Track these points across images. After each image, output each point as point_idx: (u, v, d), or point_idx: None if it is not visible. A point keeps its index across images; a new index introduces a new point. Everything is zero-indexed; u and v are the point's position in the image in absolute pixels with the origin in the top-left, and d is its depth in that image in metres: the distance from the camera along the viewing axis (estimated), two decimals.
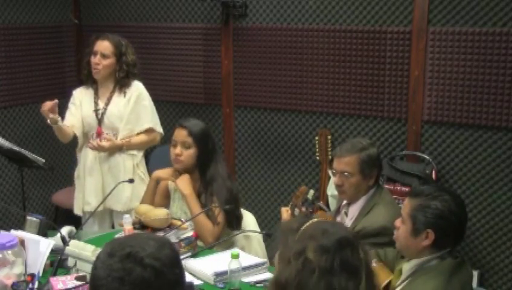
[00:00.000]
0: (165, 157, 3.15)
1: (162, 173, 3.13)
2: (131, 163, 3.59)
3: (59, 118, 3.44)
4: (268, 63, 4.21)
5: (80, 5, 4.91)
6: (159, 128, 3.67)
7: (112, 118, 3.55)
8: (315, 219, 1.65)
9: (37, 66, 4.62)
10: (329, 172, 3.78)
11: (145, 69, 4.53)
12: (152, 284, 1.36)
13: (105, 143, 3.51)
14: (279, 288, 1.54)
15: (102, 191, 3.54)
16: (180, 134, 3.02)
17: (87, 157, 3.59)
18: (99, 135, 3.55)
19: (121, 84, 3.56)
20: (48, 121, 3.41)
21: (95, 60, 3.51)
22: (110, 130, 3.57)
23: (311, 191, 2.71)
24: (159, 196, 3.18)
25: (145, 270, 1.36)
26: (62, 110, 3.63)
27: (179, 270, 1.45)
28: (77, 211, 3.69)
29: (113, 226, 3.67)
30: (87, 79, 3.62)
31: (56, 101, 3.37)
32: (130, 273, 1.35)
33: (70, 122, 3.59)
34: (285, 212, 2.87)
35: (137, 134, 3.60)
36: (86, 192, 3.60)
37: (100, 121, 3.55)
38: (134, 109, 3.57)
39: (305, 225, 1.63)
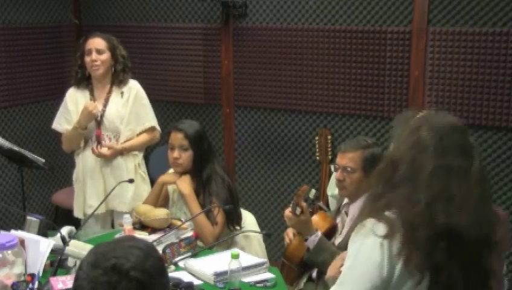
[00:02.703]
0: (165, 157, 3.15)
1: (168, 177, 3.14)
2: (132, 163, 3.58)
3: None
4: (268, 63, 4.21)
5: (80, 5, 4.91)
6: (158, 126, 3.67)
7: (112, 119, 3.51)
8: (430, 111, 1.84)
9: (37, 66, 4.62)
10: (332, 167, 3.78)
11: (145, 69, 4.54)
12: None
13: (106, 151, 3.48)
14: (392, 163, 1.64)
15: (104, 193, 3.49)
16: (177, 137, 3.03)
17: (87, 160, 3.56)
18: (98, 137, 3.52)
19: (119, 79, 3.53)
20: (83, 125, 3.45)
21: (91, 57, 3.46)
22: (111, 131, 3.53)
23: (313, 191, 2.71)
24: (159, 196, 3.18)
25: (131, 283, 1.33)
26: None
27: (165, 279, 1.43)
28: (77, 214, 3.65)
29: (112, 226, 3.66)
30: (80, 82, 3.57)
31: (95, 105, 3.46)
32: (115, 286, 1.32)
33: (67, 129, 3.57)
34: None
35: (138, 134, 3.60)
36: (88, 195, 3.56)
37: (100, 124, 3.52)
38: (133, 109, 3.55)
39: (421, 113, 1.76)
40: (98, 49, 3.47)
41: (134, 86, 3.59)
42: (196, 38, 4.45)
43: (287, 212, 2.70)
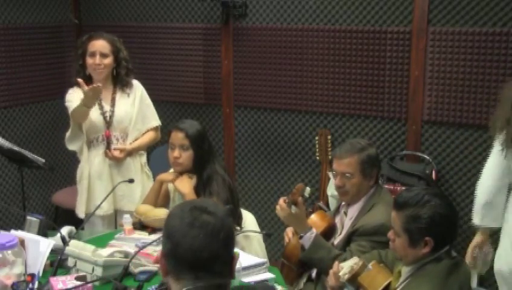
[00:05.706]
0: (165, 156, 3.15)
1: (166, 175, 3.14)
2: (139, 163, 3.60)
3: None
4: (268, 63, 4.21)
5: (80, 5, 4.91)
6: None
7: (121, 119, 3.50)
8: None
9: (37, 66, 4.62)
10: (329, 174, 3.78)
11: (145, 69, 4.53)
12: (215, 227, 1.59)
13: (119, 154, 3.47)
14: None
15: (113, 194, 3.47)
16: (177, 137, 3.03)
17: (93, 161, 3.53)
18: (108, 138, 3.50)
19: (122, 83, 3.52)
20: (88, 104, 3.29)
21: (95, 61, 3.42)
22: (119, 132, 3.52)
23: (308, 189, 2.70)
24: (160, 196, 3.18)
25: (210, 216, 1.61)
26: (63, 109, 3.63)
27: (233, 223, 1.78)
28: (80, 214, 3.59)
29: (116, 227, 3.65)
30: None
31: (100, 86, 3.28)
32: (197, 218, 1.60)
33: None
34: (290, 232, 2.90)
35: (143, 133, 3.59)
36: (96, 196, 3.52)
37: (109, 124, 3.50)
38: (140, 109, 3.55)
39: None
40: (102, 53, 3.44)
41: (138, 87, 3.59)
42: (196, 38, 4.45)
43: (281, 201, 2.69)
